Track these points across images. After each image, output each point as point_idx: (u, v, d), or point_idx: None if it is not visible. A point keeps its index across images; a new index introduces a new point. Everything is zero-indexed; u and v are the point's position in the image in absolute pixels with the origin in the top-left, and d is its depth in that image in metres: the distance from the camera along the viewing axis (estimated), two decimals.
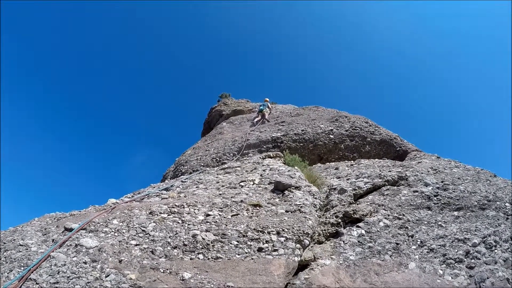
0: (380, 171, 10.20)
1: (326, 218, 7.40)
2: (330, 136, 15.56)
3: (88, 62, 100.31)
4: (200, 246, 5.64)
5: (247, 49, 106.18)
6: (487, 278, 5.20)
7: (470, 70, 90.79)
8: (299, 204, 7.58)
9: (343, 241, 6.61)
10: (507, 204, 7.17)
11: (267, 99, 21.83)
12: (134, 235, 5.84)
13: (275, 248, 5.74)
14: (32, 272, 4.63)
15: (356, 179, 9.83)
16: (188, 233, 5.99)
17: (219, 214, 6.90)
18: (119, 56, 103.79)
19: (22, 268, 4.77)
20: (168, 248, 5.54)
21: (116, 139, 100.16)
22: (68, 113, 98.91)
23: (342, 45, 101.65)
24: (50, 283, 4.45)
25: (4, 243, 5.71)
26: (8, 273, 4.71)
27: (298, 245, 5.98)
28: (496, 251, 5.74)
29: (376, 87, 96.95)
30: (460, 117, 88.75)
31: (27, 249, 5.42)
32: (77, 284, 4.44)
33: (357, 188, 8.92)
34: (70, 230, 6.00)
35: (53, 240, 5.77)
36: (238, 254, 5.55)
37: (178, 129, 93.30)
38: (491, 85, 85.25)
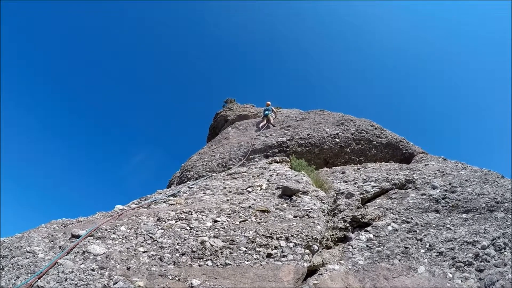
0: (387, 174, 10.16)
1: (334, 222, 7.38)
2: (336, 140, 15.53)
3: (94, 65, 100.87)
4: (209, 253, 5.63)
5: (252, 53, 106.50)
6: (497, 280, 5.15)
7: (474, 71, 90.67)
8: (307, 209, 7.56)
9: (352, 246, 6.58)
10: None
11: (269, 103, 21.81)
12: (142, 242, 5.84)
13: (284, 254, 5.72)
14: (39, 279, 4.64)
15: (363, 183, 9.80)
16: (197, 239, 5.99)
17: (227, 220, 6.90)
18: (124, 62, 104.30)
19: (29, 275, 4.78)
20: (177, 255, 5.53)
21: (120, 143, 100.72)
22: (72, 115, 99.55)
23: (346, 48, 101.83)
24: None
25: (11, 249, 5.72)
26: (15, 280, 4.72)
27: (307, 251, 5.96)
28: (505, 253, 5.68)
29: (381, 90, 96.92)
30: (464, 119, 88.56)
31: (34, 255, 5.43)
32: None
33: (364, 192, 8.88)
34: (78, 237, 6.01)
35: (60, 247, 5.78)
36: (247, 261, 5.54)
37: (183, 133, 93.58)
38: (494, 86, 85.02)
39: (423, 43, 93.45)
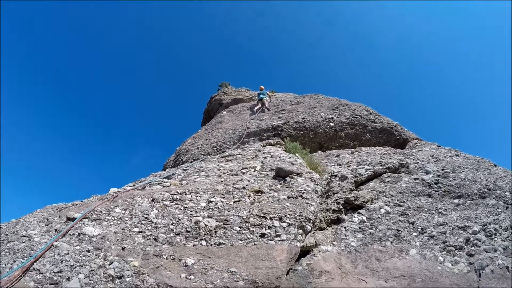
0: (381, 158, 10.20)
1: (327, 204, 7.43)
2: (331, 124, 15.54)
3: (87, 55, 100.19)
4: (203, 233, 5.67)
5: (246, 37, 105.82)
6: (487, 265, 5.24)
7: (469, 61, 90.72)
8: (301, 190, 7.60)
9: (345, 228, 6.64)
10: (507, 193, 7.16)
11: (262, 87, 21.71)
12: (137, 223, 5.87)
13: (277, 233, 5.77)
14: (35, 262, 4.67)
15: (357, 166, 9.84)
16: (191, 219, 6.02)
17: (221, 201, 6.93)
18: (118, 46, 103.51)
19: (26, 259, 4.81)
20: (171, 235, 5.57)
21: (116, 132, 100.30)
22: (70, 110, 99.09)
23: (342, 33, 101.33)
24: (53, 272, 4.49)
25: (7, 234, 5.75)
26: (11, 264, 4.75)
27: (300, 231, 6.01)
28: (496, 239, 5.77)
29: (376, 76, 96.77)
30: (459, 107, 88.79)
31: (30, 239, 5.47)
32: (80, 273, 4.48)
33: (358, 175, 8.92)
34: (73, 219, 6.03)
35: (56, 230, 5.82)
36: (241, 240, 5.59)
37: (177, 119, 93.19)
38: (491, 77, 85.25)
39: (422, 32, 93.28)
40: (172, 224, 5.88)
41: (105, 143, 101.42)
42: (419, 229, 6.41)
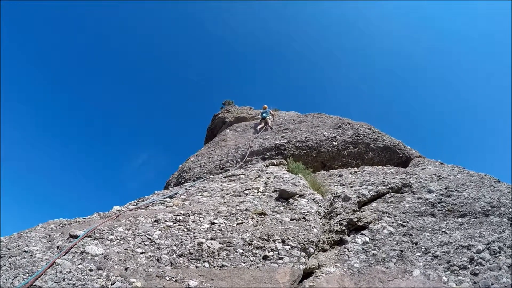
0: (384, 178, 10.20)
1: (330, 225, 7.42)
2: (333, 143, 15.57)
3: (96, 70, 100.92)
4: (206, 254, 5.65)
5: (250, 56, 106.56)
6: (492, 284, 5.20)
7: (472, 74, 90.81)
8: (304, 212, 7.60)
9: (348, 249, 6.62)
10: (511, 210, 7.15)
11: (266, 106, 21.84)
12: (140, 243, 5.85)
13: (280, 256, 5.75)
14: (37, 279, 4.66)
15: (360, 186, 9.83)
16: (194, 241, 6.00)
17: (224, 222, 6.92)
18: (124, 65, 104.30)
19: (27, 275, 4.78)
20: (174, 256, 5.55)
21: (119, 144, 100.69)
22: (72, 117, 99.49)
23: (344, 51, 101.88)
24: None
25: (9, 249, 5.73)
26: (12, 279, 4.72)
27: (303, 253, 5.99)
28: (500, 257, 5.72)
29: (378, 94, 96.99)
30: (462, 122, 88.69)
31: (31, 255, 5.43)
32: None
33: (361, 195, 8.92)
34: (75, 237, 6.01)
35: (58, 247, 5.78)
36: (244, 262, 5.56)
37: (181, 135, 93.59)
38: (492, 89, 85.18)
39: (422, 45, 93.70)
40: (175, 245, 5.86)
41: (106, 145, 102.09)
42: (422, 249, 6.38)
